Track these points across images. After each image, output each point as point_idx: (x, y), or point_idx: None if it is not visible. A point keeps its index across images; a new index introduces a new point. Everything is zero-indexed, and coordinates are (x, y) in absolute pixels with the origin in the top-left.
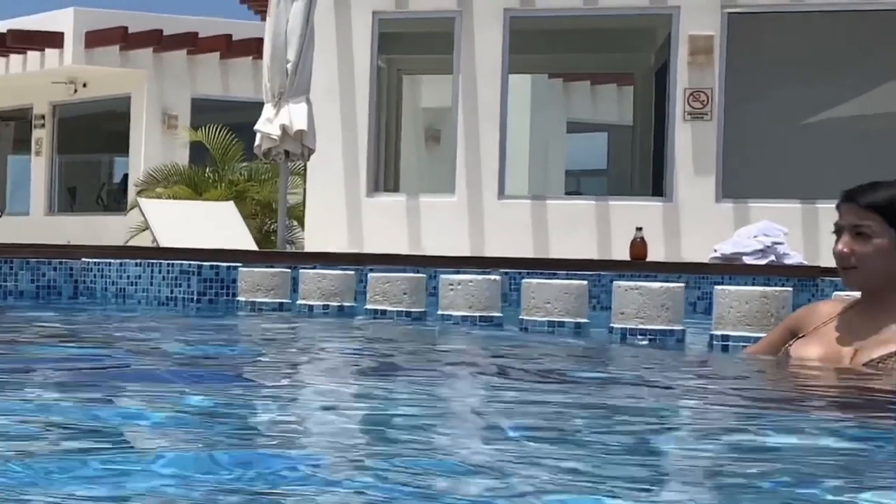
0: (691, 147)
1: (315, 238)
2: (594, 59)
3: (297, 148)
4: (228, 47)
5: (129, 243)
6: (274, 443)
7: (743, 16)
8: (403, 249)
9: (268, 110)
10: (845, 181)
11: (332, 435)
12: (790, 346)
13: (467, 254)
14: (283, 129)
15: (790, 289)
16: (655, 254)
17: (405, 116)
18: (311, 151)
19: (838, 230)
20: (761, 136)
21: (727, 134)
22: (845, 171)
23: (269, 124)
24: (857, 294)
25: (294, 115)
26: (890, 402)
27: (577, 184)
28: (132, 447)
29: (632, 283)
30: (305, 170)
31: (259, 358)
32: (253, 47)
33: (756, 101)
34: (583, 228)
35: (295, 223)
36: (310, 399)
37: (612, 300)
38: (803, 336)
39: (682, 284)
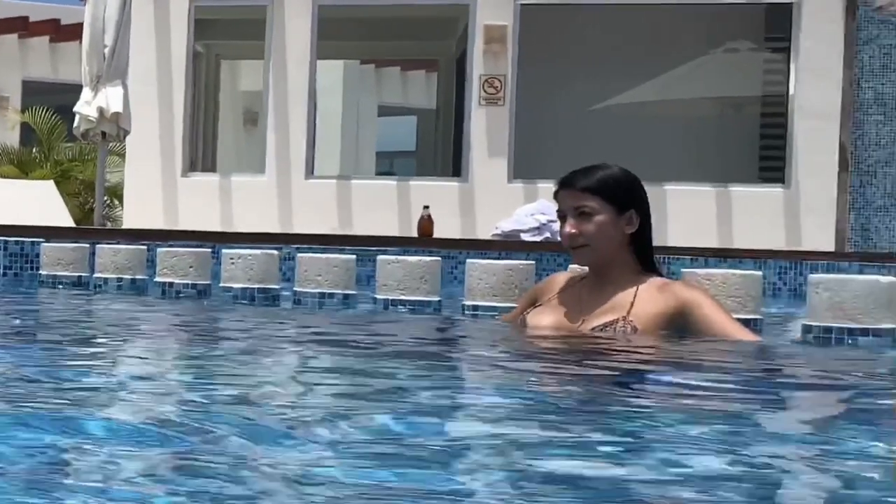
0: (486, 130)
1: (133, 216)
2: (402, 47)
3: (114, 129)
4: (58, 31)
5: None
6: None
7: (534, 7)
8: (216, 227)
9: (86, 93)
10: (627, 163)
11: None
12: (527, 314)
13: (276, 230)
14: (101, 111)
15: (532, 262)
16: (452, 231)
17: (223, 99)
18: (127, 133)
19: (562, 215)
20: (550, 121)
21: (519, 118)
22: (627, 154)
23: (87, 106)
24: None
25: (111, 97)
26: (604, 365)
27: (390, 165)
28: None
29: (392, 257)
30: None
31: None
32: (81, 32)
33: (546, 87)
34: (385, 207)
35: (116, 202)
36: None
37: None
38: (539, 305)
39: (438, 258)
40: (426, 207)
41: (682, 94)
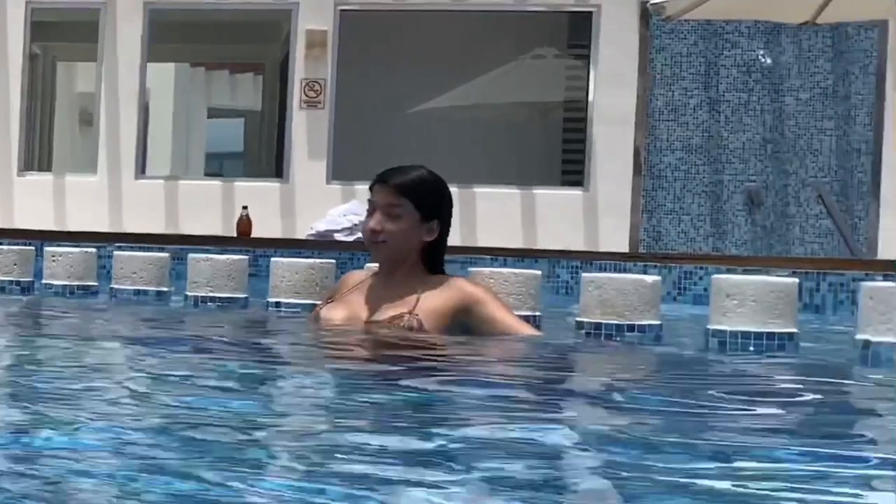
0: (306, 133)
1: None
2: (231, 50)
3: None
4: None
5: None
6: None
7: (354, 13)
8: (50, 225)
9: None
10: (439, 166)
11: None
12: (320, 308)
13: (107, 230)
14: None
15: (333, 261)
16: (273, 231)
17: (59, 100)
18: None
19: (372, 209)
20: (368, 124)
21: (338, 121)
22: (440, 157)
23: None
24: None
25: None
26: (388, 358)
27: (220, 166)
28: None
29: (202, 255)
30: None
31: None
32: None
33: (365, 91)
34: (211, 207)
35: None
36: None
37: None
38: (332, 300)
39: (245, 257)
40: (245, 208)
41: (493, 99)
